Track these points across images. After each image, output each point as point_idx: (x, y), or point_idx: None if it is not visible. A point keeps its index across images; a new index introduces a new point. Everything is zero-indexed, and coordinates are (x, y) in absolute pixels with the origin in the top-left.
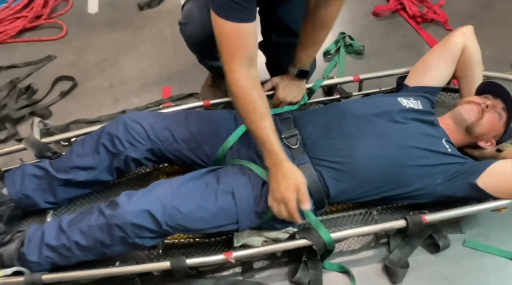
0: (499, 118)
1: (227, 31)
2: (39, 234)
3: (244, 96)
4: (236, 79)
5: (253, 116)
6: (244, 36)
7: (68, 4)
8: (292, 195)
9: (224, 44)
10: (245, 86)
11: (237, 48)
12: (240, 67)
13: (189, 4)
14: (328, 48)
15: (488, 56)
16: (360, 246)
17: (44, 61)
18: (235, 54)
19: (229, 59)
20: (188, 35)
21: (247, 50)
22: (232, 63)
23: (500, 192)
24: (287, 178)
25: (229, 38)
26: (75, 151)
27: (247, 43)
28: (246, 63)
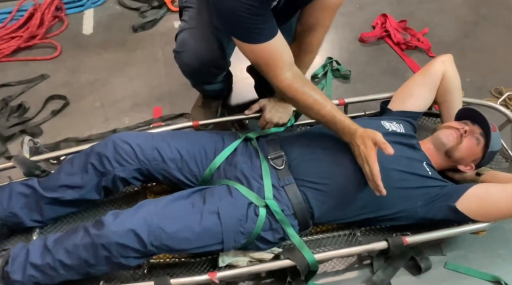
0: (477, 143)
1: (259, 52)
2: (24, 253)
3: (301, 95)
4: (287, 86)
5: (316, 107)
6: (277, 49)
7: (63, 24)
8: (371, 150)
9: (262, 64)
10: (297, 87)
11: (275, 62)
12: (285, 75)
13: (184, 34)
14: (316, 72)
15: (469, 83)
16: (344, 267)
17: (37, 80)
18: (275, 68)
19: (272, 73)
20: (184, 63)
21: (284, 58)
22: (276, 76)
23: (478, 215)
24: (363, 138)
25: (264, 58)
26: (63, 169)
27: (282, 53)
28: (287, 68)
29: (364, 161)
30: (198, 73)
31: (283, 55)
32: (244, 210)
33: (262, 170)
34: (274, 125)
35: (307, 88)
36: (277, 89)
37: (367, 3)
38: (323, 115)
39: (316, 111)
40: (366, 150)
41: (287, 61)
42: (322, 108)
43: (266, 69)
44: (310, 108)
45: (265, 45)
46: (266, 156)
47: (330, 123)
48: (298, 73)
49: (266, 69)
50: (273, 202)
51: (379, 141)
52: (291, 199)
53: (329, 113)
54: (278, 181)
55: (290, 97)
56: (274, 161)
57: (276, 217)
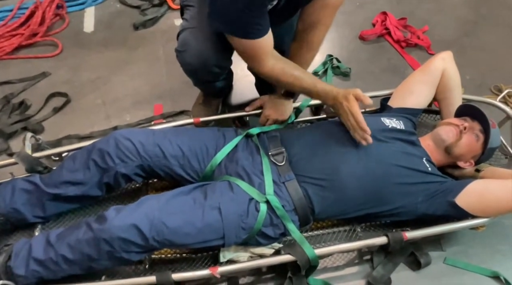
0: (476, 140)
1: (247, 46)
2: (26, 248)
3: (282, 75)
4: (269, 71)
5: (298, 82)
6: (266, 44)
7: (64, 22)
8: (354, 106)
9: (247, 57)
10: (278, 70)
11: (262, 55)
12: (266, 61)
13: (185, 33)
14: (316, 69)
15: (469, 80)
16: (344, 263)
17: (38, 78)
18: (260, 59)
19: (257, 63)
20: (186, 62)
21: (269, 49)
22: (260, 65)
23: (478, 211)
24: (346, 96)
25: (250, 51)
26: (65, 166)
27: (268, 48)
28: (270, 56)
29: (348, 114)
30: (199, 72)
31: (269, 47)
32: (245, 205)
33: (263, 166)
34: (275, 121)
35: (287, 68)
36: (260, 74)
37: (367, 1)
38: (305, 87)
39: (299, 85)
40: (349, 103)
41: (270, 51)
42: (304, 82)
43: (251, 60)
44: (293, 84)
45: (257, 41)
46: (267, 152)
47: (313, 92)
48: (277, 56)
49: (252, 59)
50: (274, 198)
51: (360, 94)
52: (292, 195)
53: (311, 83)
54: (279, 177)
55: (274, 79)
56: (275, 157)
57: (277, 212)
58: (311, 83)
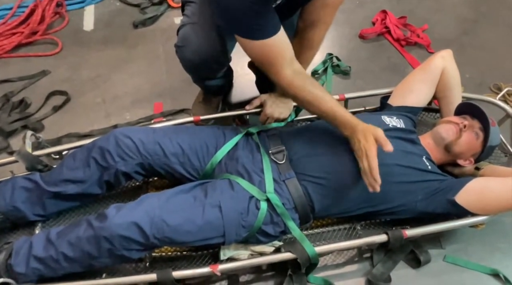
0: (476, 138)
1: (261, 48)
2: (27, 246)
3: (302, 92)
4: (288, 83)
5: (317, 103)
6: (278, 45)
7: (64, 21)
8: (371, 145)
9: (263, 61)
10: (298, 84)
11: (276, 58)
12: (286, 71)
13: (186, 28)
14: (316, 68)
15: (468, 79)
16: (344, 261)
17: (38, 76)
18: (276, 65)
19: (274, 70)
20: (185, 58)
21: (285, 54)
22: (277, 73)
23: (477, 209)
24: (364, 133)
25: (265, 55)
26: (66, 164)
27: (283, 49)
28: (288, 64)
29: (364, 155)
30: (199, 68)
31: (285, 51)
32: (245, 203)
33: (263, 164)
34: (275, 120)
35: (308, 84)
36: (278, 85)
37: (367, 0)
38: (324, 111)
39: (317, 107)
40: (367, 144)
41: (288, 58)
42: (323, 104)
43: (267, 66)
44: (311, 104)
45: (266, 41)
46: (267, 151)
47: (330, 118)
48: (299, 69)
49: (268, 66)
50: (274, 196)
51: (381, 137)
52: (292, 193)
53: (330, 108)
54: (279, 175)
55: (292, 94)
56: (275, 156)
57: (277, 210)
58: (330, 107)
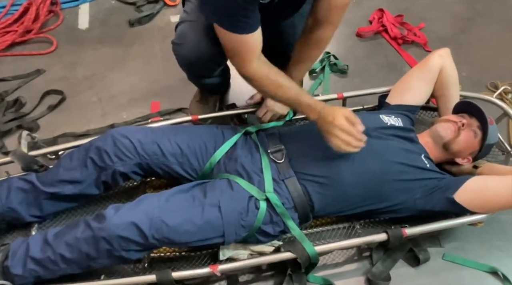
0: (474, 136)
1: (235, 42)
2: (24, 247)
3: (265, 81)
4: (251, 73)
5: (281, 91)
6: (253, 42)
7: (58, 19)
8: (343, 122)
9: (234, 53)
10: (262, 74)
11: (246, 52)
12: (250, 63)
13: (183, 25)
14: (314, 66)
15: (465, 77)
16: (344, 259)
17: (33, 75)
18: (245, 59)
19: (242, 62)
20: (182, 55)
21: (255, 50)
22: (243, 64)
23: (476, 207)
24: (333, 114)
25: (237, 48)
26: (62, 164)
27: (255, 47)
28: (254, 58)
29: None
30: (194, 66)
31: (256, 48)
32: (244, 203)
33: (262, 164)
34: (274, 116)
35: (272, 73)
36: (242, 75)
37: None
38: (288, 98)
39: (281, 94)
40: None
41: (257, 54)
42: (287, 91)
43: (237, 58)
44: (275, 93)
45: (244, 36)
46: (266, 150)
47: (296, 104)
48: (264, 60)
49: (237, 57)
50: (273, 195)
51: (351, 116)
52: (291, 192)
53: (294, 95)
54: (278, 175)
55: (256, 84)
56: (274, 155)
57: (277, 210)
58: (294, 93)
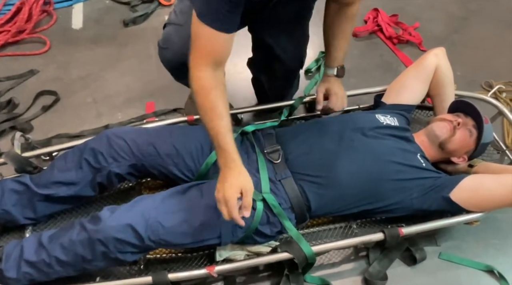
0: (470, 135)
1: (203, 35)
2: (18, 250)
3: (205, 94)
4: (199, 77)
5: (210, 114)
6: (219, 43)
7: (52, 19)
8: (233, 194)
9: (197, 45)
10: (207, 85)
11: (209, 51)
12: (206, 67)
13: (170, 28)
14: (309, 66)
15: (460, 77)
16: (341, 259)
17: (26, 76)
18: (204, 56)
19: (197, 58)
20: (166, 59)
21: (218, 55)
22: (198, 62)
23: (472, 206)
24: (235, 178)
25: (203, 42)
26: (57, 166)
27: (220, 50)
28: (212, 65)
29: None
30: (179, 70)
31: (221, 53)
32: None
33: (259, 164)
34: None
35: (216, 92)
36: (189, 75)
37: None
38: (213, 126)
39: (209, 118)
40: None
41: (219, 60)
42: (216, 119)
43: (195, 51)
44: (205, 111)
45: (215, 33)
46: (262, 150)
47: (214, 138)
48: (220, 77)
49: (196, 52)
50: (270, 196)
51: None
52: (288, 192)
53: (220, 127)
54: (275, 175)
55: (194, 89)
56: (271, 155)
57: (274, 210)
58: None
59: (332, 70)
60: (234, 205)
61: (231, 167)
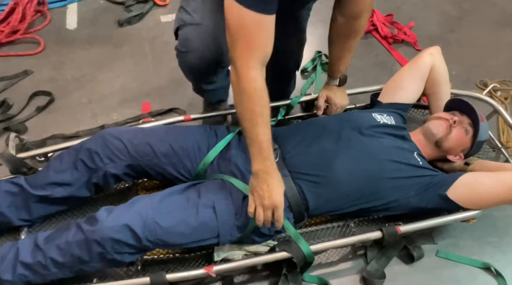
0: (465, 133)
1: (249, 21)
2: (13, 252)
3: (258, 98)
4: (252, 78)
5: (258, 119)
6: (266, 28)
7: (46, 19)
8: (282, 200)
9: (243, 36)
10: (261, 88)
11: (258, 42)
12: (257, 65)
13: (187, 30)
14: (305, 66)
15: (455, 75)
16: (339, 258)
17: (20, 76)
18: (254, 48)
19: (246, 53)
20: (189, 64)
21: (267, 45)
22: (249, 58)
23: (469, 203)
24: (277, 186)
25: (250, 30)
26: (52, 166)
27: (268, 37)
28: (262, 61)
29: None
30: (202, 73)
31: (269, 41)
32: (239, 203)
33: None
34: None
35: (267, 97)
36: (236, 74)
37: None
38: (258, 132)
39: (255, 122)
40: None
41: (267, 53)
42: (263, 125)
43: (242, 45)
44: (253, 115)
45: (260, 16)
46: None
47: (257, 143)
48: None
49: (244, 45)
50: None
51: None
52: (286, 192)
53: (265, 134)
54: None
55: (246, 91)
56: None
57: None
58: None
59: (335, 81)
60: (282, 212)
61: (273, 176)
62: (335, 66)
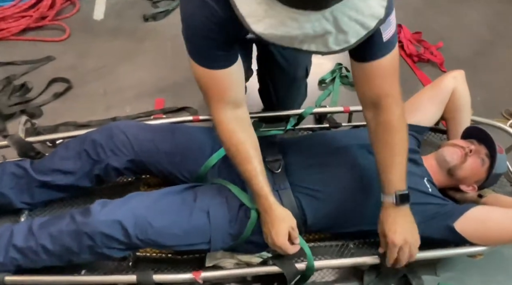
0: (481, 164)
1: (210, 78)
2: (8, 234)
3: (228, 138)
4: (220, 121)
5: (238, 159)
6: (228, 80)
7: (75, 8)
8: (284, 241)
9: (208, 90)
10: (229, 129)
11: (222, 93)
12: (225, 110)
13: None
14: (324, 77)
15: (480, 102)
16: (334, 279)
17: (42, 61)
18: (219, 99)
19: (213, 103)
20: None
21: (232, 93)
22: (217, 107)
23: (477, 238)
24: (278, 225)
25: (208, 83)
26: (58, 153)
27: (232, 86)
28: (231, 105)
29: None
30: None
31: (235, 88)
32: (235, 211)
33: None
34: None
35: (240, 134)
36: (212, 117)
37: None
38: (244, 171)
39: (237, 162)
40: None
41: (235, 98)
42: (244, 163)
43: (209, 97)
44: (233, 156)
45: (219, 72)
46: (264, 159)
47: (248, 180)
48: (242, 116)
49: (210, 97)
50: None
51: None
52: (285, 204)
53: (250, 171)
54: (273, 185)
55: (218, 133)
56: (271, 164)
57: None
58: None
59: (389, 197)
60: (288, 250)
61: (271, 215)
62: (385, 178)
